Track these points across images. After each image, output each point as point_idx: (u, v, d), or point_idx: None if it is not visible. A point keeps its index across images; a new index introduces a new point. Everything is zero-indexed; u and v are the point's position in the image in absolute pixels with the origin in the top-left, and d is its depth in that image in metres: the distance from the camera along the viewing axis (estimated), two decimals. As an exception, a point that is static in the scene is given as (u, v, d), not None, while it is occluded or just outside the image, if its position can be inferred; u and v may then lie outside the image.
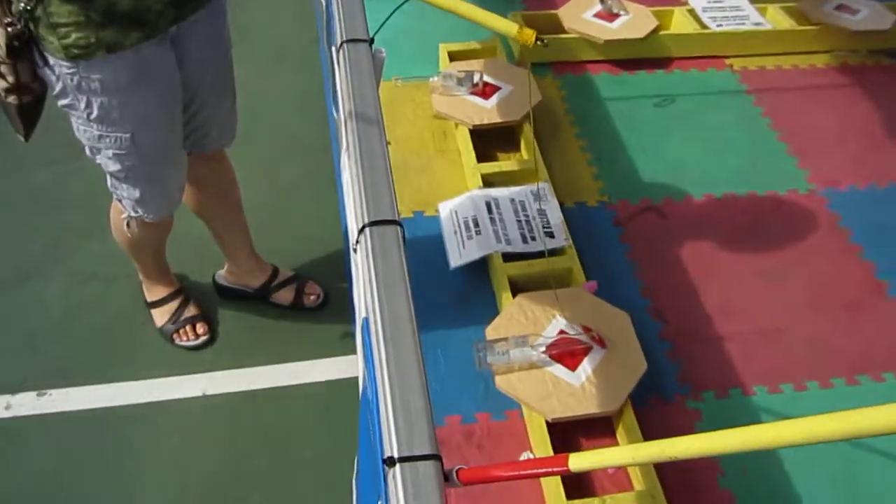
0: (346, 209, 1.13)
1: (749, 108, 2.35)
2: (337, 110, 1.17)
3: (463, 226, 1.84)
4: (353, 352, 1.64)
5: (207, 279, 1.94)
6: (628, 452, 0.64)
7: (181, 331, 1.80)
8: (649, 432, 1.48)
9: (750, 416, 1.59)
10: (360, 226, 0.87)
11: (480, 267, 1.82)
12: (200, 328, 1.81)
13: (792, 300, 1.84)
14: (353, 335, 1.64)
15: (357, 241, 0.89)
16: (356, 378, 1.07)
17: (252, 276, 1.86)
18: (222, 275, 1.89)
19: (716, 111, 2.33)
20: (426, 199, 1.99)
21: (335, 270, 1.90)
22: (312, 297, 1.87)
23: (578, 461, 0.70)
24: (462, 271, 1.80)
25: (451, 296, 1.77)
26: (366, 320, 0.82)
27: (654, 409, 1.59)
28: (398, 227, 0.87)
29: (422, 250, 1.84)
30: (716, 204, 2.07)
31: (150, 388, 1.73)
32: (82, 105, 1.23)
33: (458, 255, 1.78)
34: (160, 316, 1.82)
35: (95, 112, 1.24)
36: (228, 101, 1.52)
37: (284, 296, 1.87)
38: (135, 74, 1.22)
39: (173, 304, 1.82)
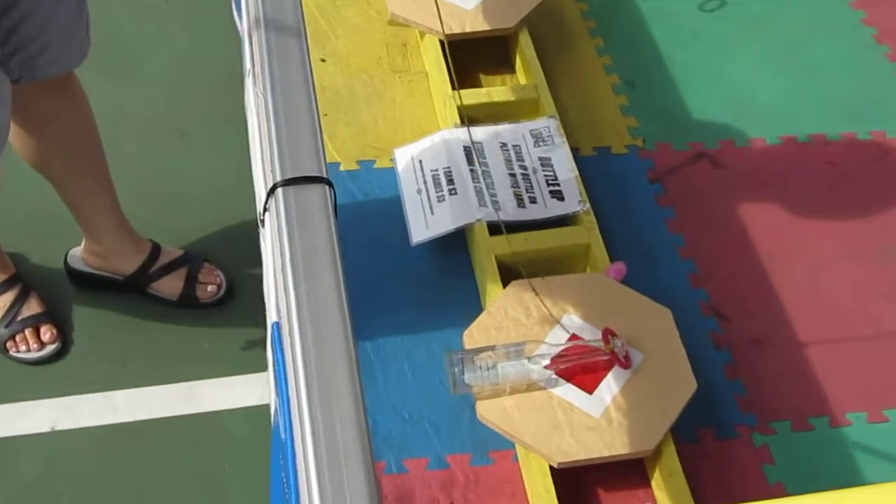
0: (253, 162, 1.12)
1: (846, 11, 2.35)
2: (239, 11, 1.18)
3: (431, 182, 1.83)
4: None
5: (57, 263, 1.91)
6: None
7: (18, 337, 1.78)
8: (698, 481, 1.49)
9: (840, 457, 1.61)
10: (270, 186, 0.87)
11: (456, 243, 1.81)
12: (46, 334, 1.79)
13: (905, 289, 1.81)
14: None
15: (265, 209, 0.89)
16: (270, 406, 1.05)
17: (122, 258, 1.85)
18: (79, 255, 1.87)
19: (798, 16, 2.33)
20: (377, 144, 1.98)
21: (245, 249, 1.87)
22: (210, 288, 1.87)
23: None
24: (429, 250, 1.79)
25: (413, 286, 1.77)
26: (276, 326, 0.83)
27: (707, 446, 1.60)
28: (326, 188, 0.87)
29: (369, 219, 1.83)
30: (797, 150, 2.07)
31: (-29, 422, 1.68)
32: None
33: (424, 225, 1.76)
34: (-13, 316, 1.79)
35: None
36: (72, 1, 1.47)
37: (170, 285, 1.87)
38: None
39: (5, 300, 1.79)
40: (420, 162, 1.87)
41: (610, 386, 1.51)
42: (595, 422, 1.46)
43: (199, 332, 1.84)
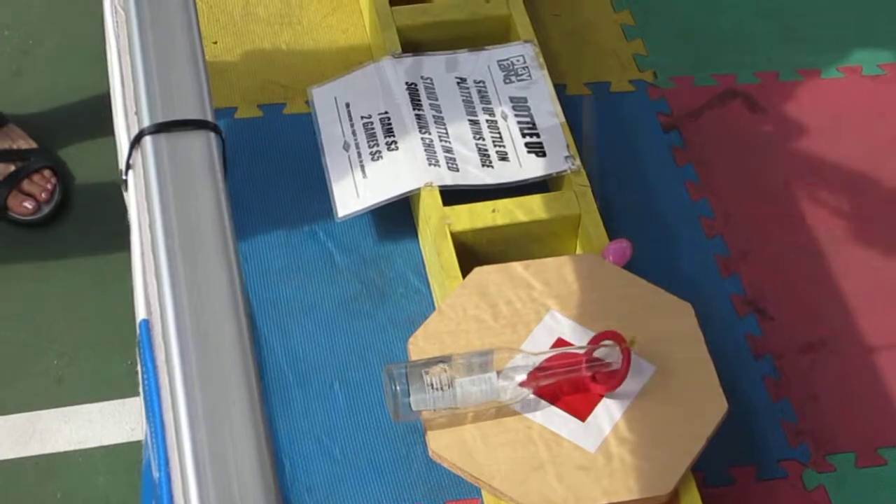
0: (113, 102, 1.13)
1: None
2: None
3: (362, 134, 1.79)
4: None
5: None
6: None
7: None
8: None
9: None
10: (134, 134, 0.85)
11: (399, 218, 1.79)
12: None
13: None
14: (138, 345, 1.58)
15: (128, 166, 0.88)
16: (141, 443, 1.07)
17: None
18: None
19: None
20: (286, 81, 1.94)
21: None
22: (28, 204, 1.80)
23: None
24: (361, 227, 1.77)
25: (338, 277, 1.74)
26: (145, 325, 0.83)
27: (744, 490, 1.58)
28: (212, 135, 0.85)
29: (275, 186, 1.80)
30: (865, 87, 2.04)
31: None
32: None
33: (353, 193, 1.73)
34: None
35: None
36: None
37: None
38: None
39: None
40: (347, 105, 1.83)
41: (610, 410, 1.47)
42: (589, 458, 1.43)
43: (37, 338, 1.75)
